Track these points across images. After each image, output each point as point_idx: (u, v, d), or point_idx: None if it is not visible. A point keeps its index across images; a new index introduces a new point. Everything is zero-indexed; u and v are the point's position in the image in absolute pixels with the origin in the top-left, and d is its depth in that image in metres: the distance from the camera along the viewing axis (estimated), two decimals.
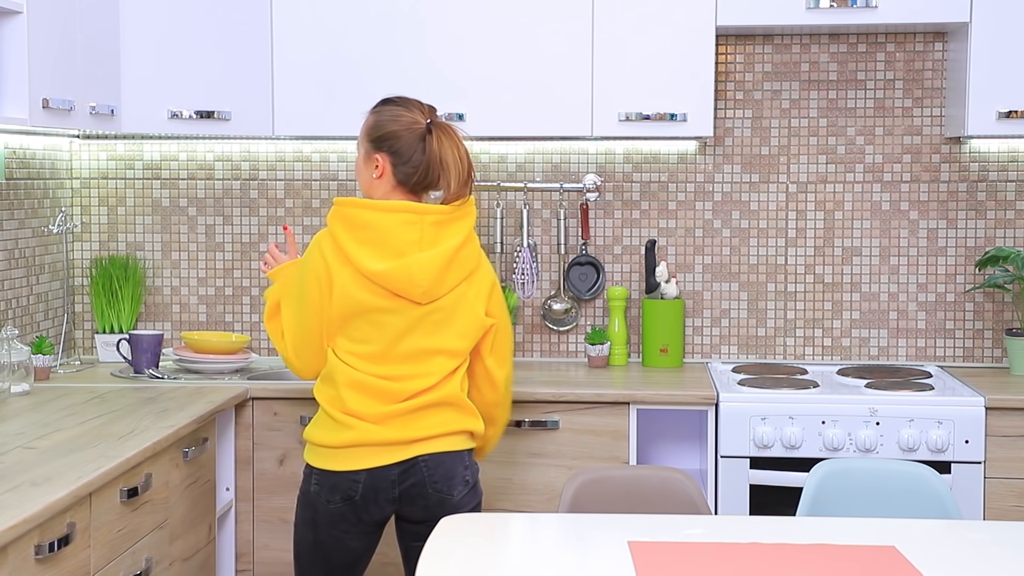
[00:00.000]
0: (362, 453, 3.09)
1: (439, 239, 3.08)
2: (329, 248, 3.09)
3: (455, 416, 3.16)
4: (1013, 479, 3.77)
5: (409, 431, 3.11)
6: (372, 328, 3.09)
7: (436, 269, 3.06)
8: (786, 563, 2.56)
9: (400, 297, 3.07)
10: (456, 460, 3.16)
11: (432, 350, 3.11)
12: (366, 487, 3.11)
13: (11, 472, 2.78)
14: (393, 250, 3.05)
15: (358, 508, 3.12)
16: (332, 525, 3.15)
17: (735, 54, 4.37)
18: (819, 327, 4.40)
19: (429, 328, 3.11)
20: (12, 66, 3.42)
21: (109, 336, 4.34)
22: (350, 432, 3.09)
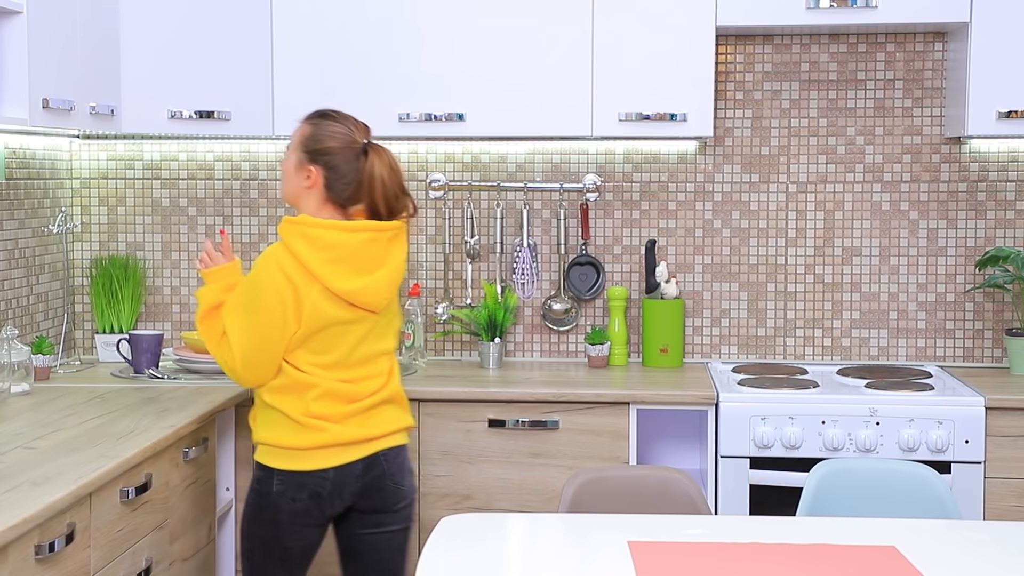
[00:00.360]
0: (330, 453, 3.21)
1: (392, 252, 3.26)
2: (291, 266, 3.14)
3: (401, 412, 3.35)
4: (1013, 479, 3.77)
5: (368, 429, 3.25)
6: (334, 339, 3.20)
7: (394, 281, 3.26)
8: (786, 563, 2.56)
9: (364, 309, 3.21)
10: (405, 453, 3.36)
11: (379, 352, 3.29)
12: (333, 483, 3.22)
13: (11, 472, 2.78)
14: (362, 268, 3.19)
15: (323, 503, 3.23)
16: (293, 521, 3.23)
17: (735, 54, 4.37)
18: (819, 327, 4.40)
19: (379, 332, 3.28)
20: (12, 66, 3.42)
21: (109, 336, 4.34)
22: (320, 434, 3.19)
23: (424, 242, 4.47)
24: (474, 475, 3.90)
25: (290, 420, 3.19)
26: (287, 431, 3.20)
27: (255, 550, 3.30)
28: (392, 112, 4.09)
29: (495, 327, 4.26)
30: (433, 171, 4.44)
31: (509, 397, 3.88)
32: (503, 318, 4.27)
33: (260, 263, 3.18)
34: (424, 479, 3.90)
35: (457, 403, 3.89)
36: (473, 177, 4.44)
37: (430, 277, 4.47)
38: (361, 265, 3.18)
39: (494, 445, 3.89)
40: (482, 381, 4.04)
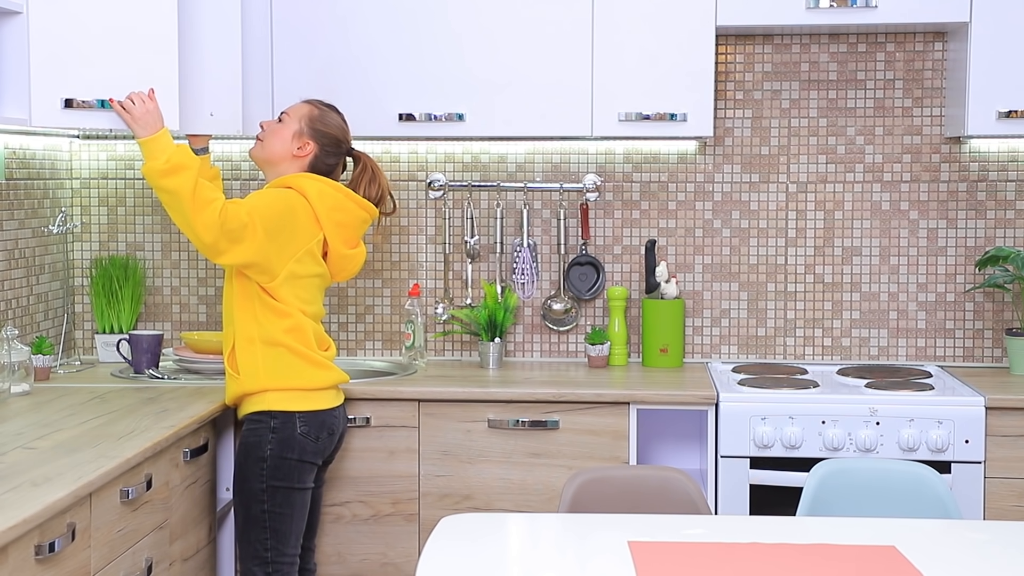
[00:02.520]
0: (335, 393, 3.57)
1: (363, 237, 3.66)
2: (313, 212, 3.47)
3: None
4: (1013, 479, 3.77)
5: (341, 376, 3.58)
6: (316, 291, 3.53)
7: (362, 262, 3.64)
8: (786, 563, 2.56)
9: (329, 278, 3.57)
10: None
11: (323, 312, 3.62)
12: (341, 421, 3.59)
13: (11, 472, 2.78)
14: (352, 240, 3.58)
15: (334, 441, 3.58)
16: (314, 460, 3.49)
17: (735, 54, 4.37)
18: (819, 327, 4.40)
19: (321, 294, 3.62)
20: (12, 66, 3.41)
21: (109, 336, 4.34)
22: (332, 372, 3.51)
23: (424, 242, 4.47)
24: (474, 475, 3.90)
25: (301, 361, 3.45)
26: (302, 373, 3.45)
27: (282, 506, 3.43)
28: (392, 112, 4.09)
29: (495, 327, 4.26)
30: (433, 171, 4.44)
31: (509, 397, 3.88)
32: (503, 318, 4.27)
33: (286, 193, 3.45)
34: (424, 479, 3.91)
35: (457, 403, 3.89)
36: (473, 177, 4.44)
37: (430, 277, 4.47)
38: (354, 239, 3.58)
39: (494, 445, 3.89)
40: (482, 381, 4.04)
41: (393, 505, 3.91)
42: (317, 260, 3.49)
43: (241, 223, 3.31)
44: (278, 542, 3.45)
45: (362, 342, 4.50)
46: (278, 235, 3.39)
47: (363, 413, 3.89)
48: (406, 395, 3.90)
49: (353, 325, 4.50)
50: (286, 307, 3.44)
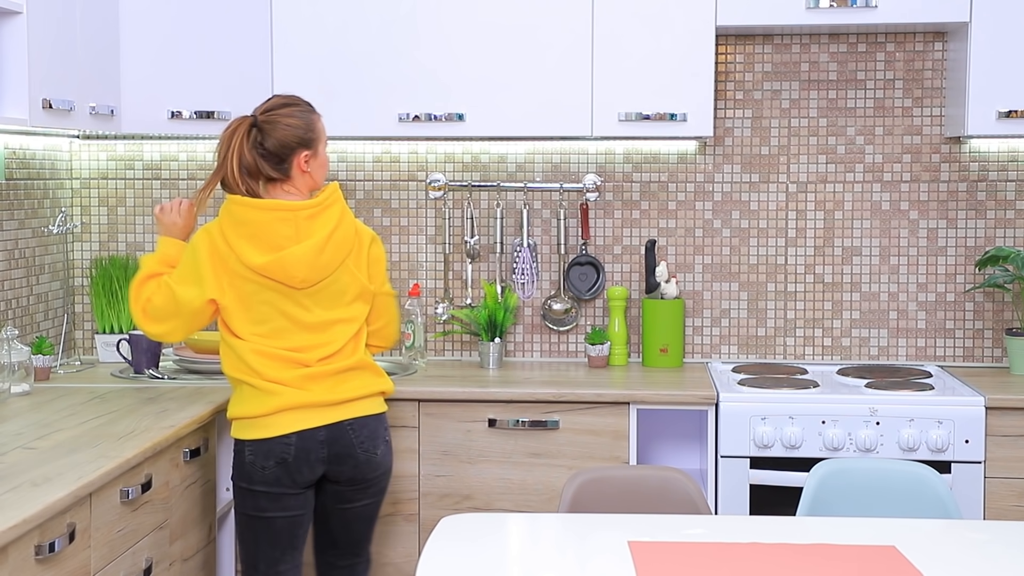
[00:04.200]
0: (290, 417, 3.31)
1: (312, 231, 3.31)
2: (219, 238, 3.31)
3: (370, 379, 3.41)
4: (1013, 479, 3.77)
5: (332, 394, 3.33)
6: (268, 309, 3.31)
7: (310, 259, 3.29)
8: (786, 563, 2.56)
9: (282, 284, 3.30)
10: (378, 422, 3.41)
11: (330, 321, 3.36)
12: (297, 449, 3.31)
13: (11, 472, 2.78)
14: (272, 245, 3.28)
15: (291, 470, 3.31)
16: (269, 489, 3.32)
17: (735, 54, 4.37)
18: (819, 327, 4.40)
19: (323, 301, 3.34)
20: (12, 66, 3.42)
21: (109, 336, 4.34)
22: (276, 399, 3.30)
23: (424, 242, 4.47)
24: (474, 475, 3.90)
25: (250, 389, 3.31)
26: (250, 401, 3.32)
27: (244, 531, 3.39)
28: (392, 112, 4.09)
29: (495, 327, 4.26)
30: (433, 171, 4.44)
31: (509, 397, 3.88)
32: (503, 318, 4.27)
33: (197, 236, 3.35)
34: (424, 479, 3.90)
35: (457, 403, 3.89)
36: (473, 177, 4.44)
37: (430, 277, 4.47)
38: (271, 242, 3.28)
39: (494, 445, 3.89)
40: (482, 381, 4.04)
41: (393, 505, 3.91)
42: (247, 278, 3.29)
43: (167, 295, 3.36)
44: (246, 566, 3.43)
45: None
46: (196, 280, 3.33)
47: None
48: (406, 395, 3.90)
49: None
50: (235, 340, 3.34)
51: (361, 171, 4.47)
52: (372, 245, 3.46)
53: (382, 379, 3.44)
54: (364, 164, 4.46)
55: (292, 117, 3.35)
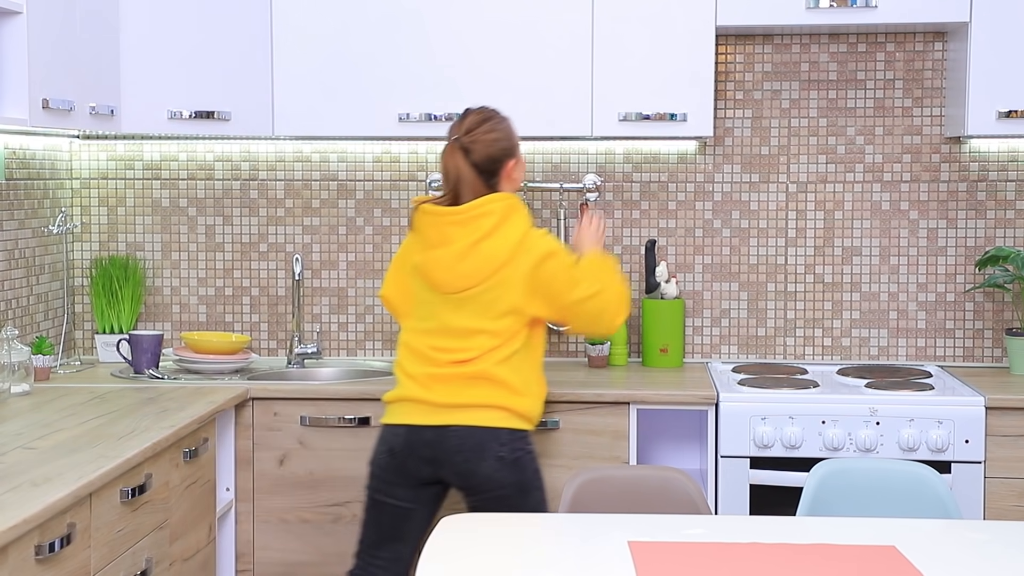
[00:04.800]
0: (404, 409, 3.44)
1: (453, 237, 3.39)
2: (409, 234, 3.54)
3: (492, 391, 3.39)
4: (1013, 479, 3.77)
5: (445, 396, 3.39)
6: (426, 308, 3.46)
7: (447, 263, 3.38)
8: (786, 563, 2.56)
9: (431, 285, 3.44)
10: (489, 435, 3.38)
11: (474, 330, 3.39)
12: (404, 441, 3.42)
13: (11, 472, 2.78)
14: (427, 244, 3.44)
15: (397, 460, 3.42)
16: (380, 472, 3.46)
17: (735, 54, 4.37)
18: (819, 327, 4.40)
19: (473, 311, 3.39)
20: (12, 66, 3.42)
21: (109, 336, 4.34)
22: (399, 389, 3.46)
23: None
24: None
25: (396, 376, 3.51)
26: (392, 388, 3.52)
27: (364, 509, 3.53)
28: (392, 112, 4.09)
29: None
30: (433, 171, 4.44)
31: None
32: None
33: None
34: None
35: None
36: None
37: None
38: (426, 243, 3.44)
39: None
40: None
41: None
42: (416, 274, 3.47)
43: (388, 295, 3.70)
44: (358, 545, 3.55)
45: (362, 342, 4.50)
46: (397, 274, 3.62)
47: (363, 413, 3.89)
48: None
49: (353, 325, 4.50)
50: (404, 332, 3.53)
51: (361, 171, 4.47)
52: (544, 263, 3.38)
53: (510, 395, 3.39)
54: (364, 164, 4.46)
55: (493, 132, 3.43)
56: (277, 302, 4.51)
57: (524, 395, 3.41)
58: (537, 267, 3.37)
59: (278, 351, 4.51)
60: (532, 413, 3.44)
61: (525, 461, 3.41)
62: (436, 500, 3.49)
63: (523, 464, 3.40)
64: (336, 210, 4.48)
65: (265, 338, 4.52)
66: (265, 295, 4.51)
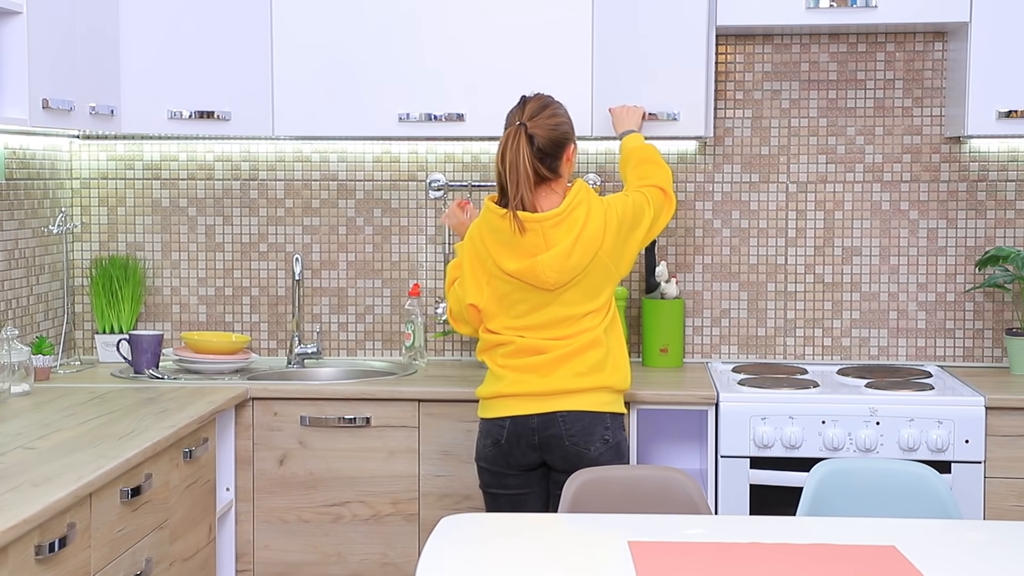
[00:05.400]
0: (507, 403, 3.47)
1: (557, 238, 3.39)
2: (479, 241, 3.48)
3: (598, 375, 3.46)
4: (1013, 479, 3.77)
5: (549, 384, 3.44)
6: (525, 306, 3.45)
7: (558, 264, 3.40)
8: (786, 563, 2.56)
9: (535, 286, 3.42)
10: (596, 419, 3.45)
11: (582, 313, 3.45)
12: (510, 432, 3.46)
13: (11, 472, 2.78)
14: (523, 252, 3.40)
15: (504, 451, 3.47)
16: (489, 466, 3.50)
17: (735, 54, 4.37)
18: (819, 327, 4.40)
19: (575, 298, 3.44)
20: (12, 66, 3.42)
21: (109, 336, 4.34)
22: (499, 383, 3.48)
23: (424, 242, 4.47)
24: (474, 475, 3.89)
25: (490, 373, 3.52)
26: (486, 383, 3.54)
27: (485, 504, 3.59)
28: (392, 112, 4.09)
29: None
30: (433, 171, 4.44)
31: None
32: None
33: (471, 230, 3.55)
34: (424, 479, 3.90)
35: (457, 403, 3.89)
36: (473, 177, 4.44)
37: (430, 277, 4.47)
38: (522, 250, 3.40)
39: None
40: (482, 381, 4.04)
41: (393, 505, 3.91)
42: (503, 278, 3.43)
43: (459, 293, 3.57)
44: None
45: (362, 342, 4.50)
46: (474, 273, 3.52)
47: (363, 413, 3.89)
48: (406, 395, 3.90)
49: (353, 325, 4.50)
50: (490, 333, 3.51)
51: (361, 171, 4.47)
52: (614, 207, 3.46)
53: (614, 375, 3.48)
54: (364, 164, 4.46)
55: (555, 116, 3.43)
56: (277, 302, 4.51)
57: (618, 365, 3.49)
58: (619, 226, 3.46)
59: (278, 351, 4.51)
60: (626, 384, 3.53)
61: (623, 446, 3.51)
62: (546, 479, 3.53)
63: (622, 449, 3.50)
64: (336, 210, 4.48)
65: (265, 338, 4.52)
66: (265, 295, 4.51)
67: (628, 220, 3.49)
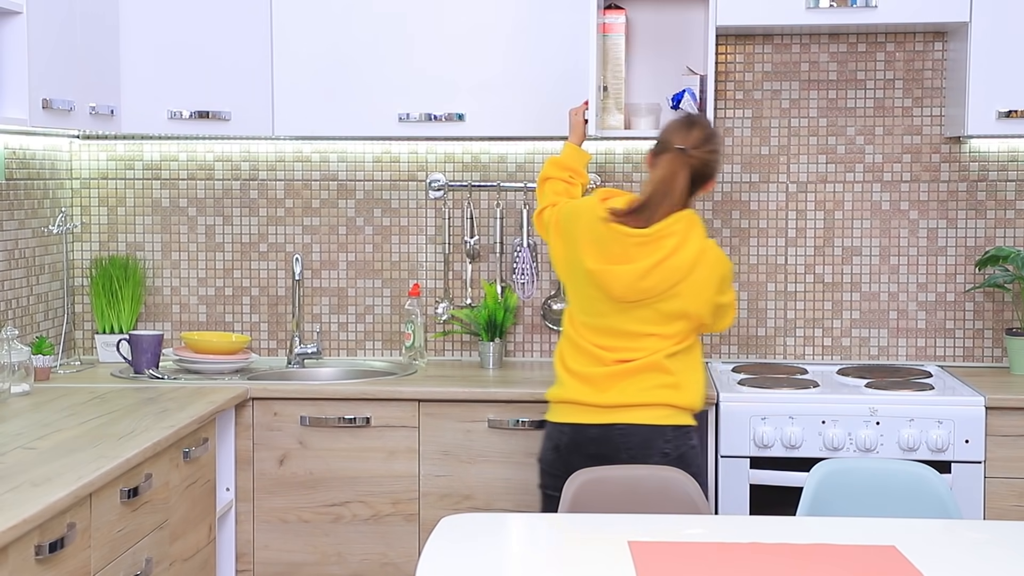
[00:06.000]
0: (569, 409, 3.45)
1: (637, 257, 3.36)
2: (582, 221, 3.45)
3: (661, 390, 3.40)
4: (1013, 479, 3.77)
5: (610, 396, 3.40)
6: (595, 304, 3.42)
7: (628, 281, 3.36)
8: (786, 563, 2.56)
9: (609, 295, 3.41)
10: (655, 433, 3.40)
11: (645, 333, 3.41)
12: (569, 439, 3.44)
13: (11, 472, 2.78)
14: (604, 256, 3.39)
15: (563, 457, 3.44)
16: (548, 469, 3.49)
17: (735, 54, 4.37)
18: (819, 327, 4.40)
19: (644, 316, 3.40)
20: (12, 66, 3.42)
21: (109, 336, 4.33)
22: (563, 389, 3.47)
23: (424, 242, 4.47)
24: (474, 475, 3.90)
25: (558, 375, 3.51)
26: (555, 386, 3.51)
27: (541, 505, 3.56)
28: (392, 112, 4.09)
29: (495, 327, 4.26)
30: (433, 171, 4.44)
31: (509, 397, 3.88)
32: (503, 318, 4.27)
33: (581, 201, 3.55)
34: (424, 479, 3.91)
35: (457, 403, 3.89)
36: (473, 177, 4.44)
37: (430, 277, 4.47)
38: (604, 254, 3.39)
39: (494, 445, 3.89)
40: (482, 381, 4.04)
41: (393, 505, 3.91)
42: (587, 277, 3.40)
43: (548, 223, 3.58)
44: None
45: (362, 342, 4.50)
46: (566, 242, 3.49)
47: (363, 413, 3.90)
48: (406, 395, 3.90)
49: (353, 325, 4.50)
50: (566, 318, 3.51)
51: (361, 171, 4.47)
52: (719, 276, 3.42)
53: (677, 392, 3.41)
54: (364, 164, 4.46)
55: (717, 151, 3.42)
56: (277, 302, 4.51)
57: (687, 388, 3.42)
58: (720, 284, 3.43)
59: (278, 351, 4.51)
60: (695, 406, 3.46)
61: (690, 457, 3.42)
62: None
63: (688, 459, 3.41)
64: (336, 210, 4.48)
65: (265, 338, 4.52)
66: (265, 295, 4.51)
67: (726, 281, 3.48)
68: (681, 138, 3.37)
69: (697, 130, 3.38)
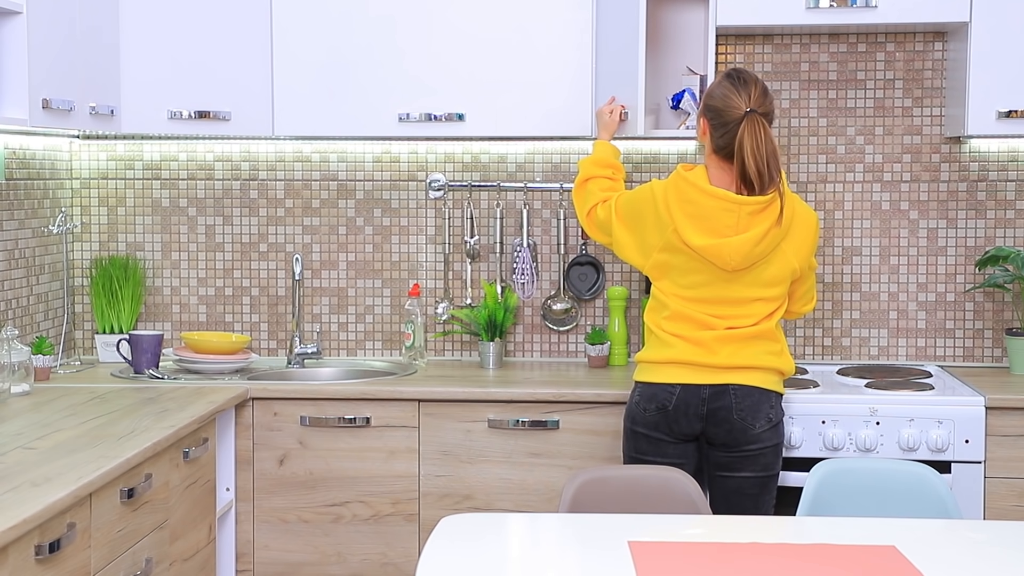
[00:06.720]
0: (679, 369, 3.47)
1: (752, 225, 3.39)
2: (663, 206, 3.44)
3: (769, 355, 3.48)
4: (1013, 479, 3.77)
5: (723, 358, 3.45)
6: (697, 278, 3.45)
7: (746, 250, 3.40)
8: (786, 563, 2.56)
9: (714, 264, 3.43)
10: (763, 397, 3.47)
11: (752, 298, 3.47)
12: (679, 399, 3.46)
13: (11, 472, 2.78)
14: (712, 230, 3.39)
15: (670, 418, 3.46)
16: (648, 432, 3.49)
17: (735, 54, 4.37)
18: (819, 327, 4.40)
19: (749, 281, 3.45)
20: (12, 66, 3.42)
21: (109, 336, 4.34)
22: (671, 350, 3.48)
23: (424, 242, 4.47)
24: (474, 475, 3.90)
25: (653, 337, 3.53)
26: (651, 347, 3.53)
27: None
28: (392, 112, 4.09)
29: (495, 327, 4.26)
30: (433, 171, 4.44)
31: (509, 397, 3.88)
32: (503, 318, 4.27)
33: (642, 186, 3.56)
34: (424, 479, 3.91)
35: (457, 403, 3.89)
36: (473, 177, 4.44)
37: (430, 277, 4.47)
38: (713, 228, 3.40)
39: (494, 445, 3.89)
40: (482, 381, 4.04)
41: (393, 505, 3.91)
42: (681, 249, 3.42)
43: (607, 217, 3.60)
44: None
45: (362, 342, 4.50)
46: (633, 229, 3.53)
47: (363, 413, 3.90)
48: (406, 395, 3.90)
49: (353, 325, 4.50)
50: (658, 291, 3.51)
51: (361, 171, 4.47)
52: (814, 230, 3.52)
53: (781, 358, 3.50)
54: (364, 164, 4.46)
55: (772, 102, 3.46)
56: (277, 302, 4.51)
57: (787, 356, 3.53)
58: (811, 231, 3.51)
59: (278, 351, 4.51)
60: (792, 373, 3.56)
61: (782, 426, 3.52)
62: (698, 453, 3.53)
63: (781, 428, 3.52)
64: (336, 210, 4.48)
65: (265, 338, 4.52)
66: (265, 295, 4.51)
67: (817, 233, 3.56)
68: (744, 100, 3.38)
69: (751, 86, 3.41)
